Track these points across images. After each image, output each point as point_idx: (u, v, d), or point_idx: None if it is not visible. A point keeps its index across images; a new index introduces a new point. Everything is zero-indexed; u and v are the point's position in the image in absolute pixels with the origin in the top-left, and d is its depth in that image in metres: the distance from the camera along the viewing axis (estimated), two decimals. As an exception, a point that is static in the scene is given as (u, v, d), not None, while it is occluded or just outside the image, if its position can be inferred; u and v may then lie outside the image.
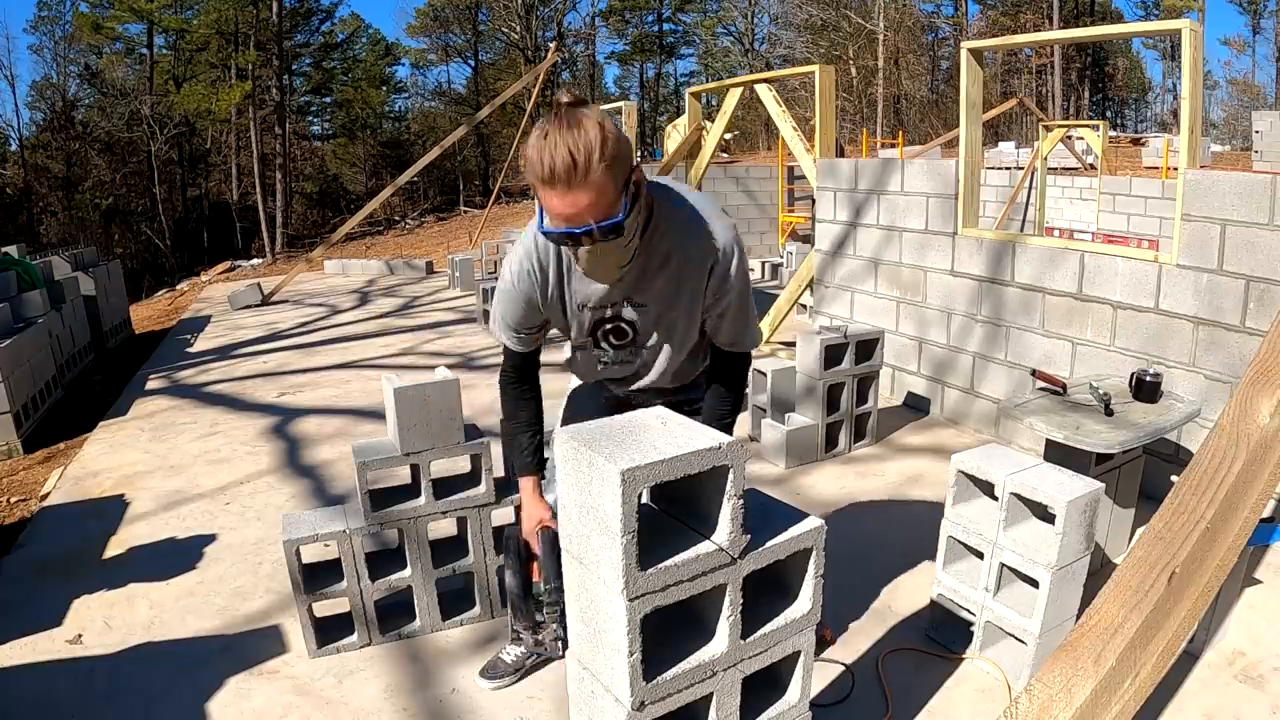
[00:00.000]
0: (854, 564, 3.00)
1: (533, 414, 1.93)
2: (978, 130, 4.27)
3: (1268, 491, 1.09)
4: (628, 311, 1.75)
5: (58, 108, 26.92)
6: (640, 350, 1.84)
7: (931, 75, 34.49)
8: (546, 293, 1.75)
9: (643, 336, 1.80)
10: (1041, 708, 0.95)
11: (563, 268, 1.72)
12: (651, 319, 1.76)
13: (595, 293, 1.72)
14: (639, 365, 1.88)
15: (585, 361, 1.91)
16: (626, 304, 1.74)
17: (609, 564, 1.29)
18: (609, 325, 1.79)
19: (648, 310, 1.74)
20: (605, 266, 1.58)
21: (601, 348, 1.84)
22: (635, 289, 1.71)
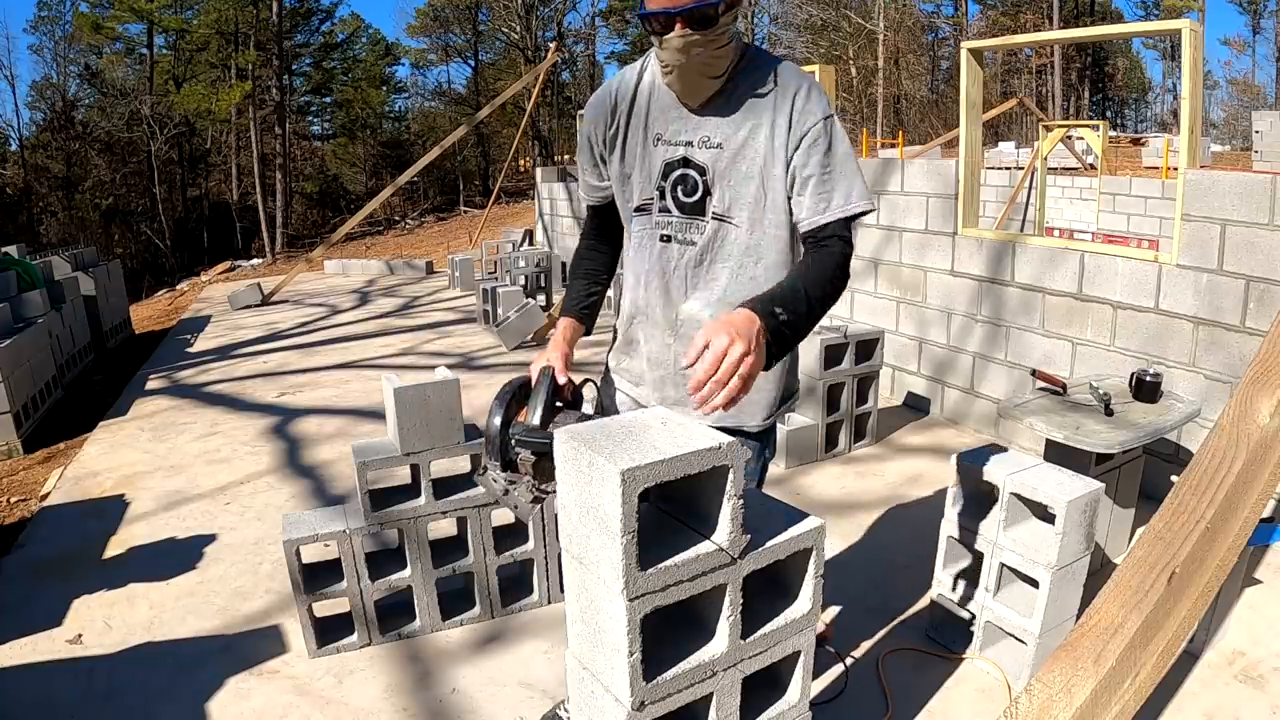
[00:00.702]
0: (854, 564, 3.00)
1: (597, 265, 1.85)
2: (978, 130, 4.27)
3: (1268, 491, 1.09)
4: (699, 154, 1.60)
5: (58, 108, 26.93)
6: (707, 220, 1.62)
7: (931, 75, 34.50)
8: (615, 119, 1.65)
9: (714, 193, 1.61)
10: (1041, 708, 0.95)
11: (650, 93, 1.64)
12: (725, 165, 1.59)
13: (673, 125, 1.62)
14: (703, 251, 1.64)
15: (645, 246, 1.70)
16: (700, 144, 1.60)
17: (609, 564, 1.29)
18: (679, 172, 1.62)
19: (722, 152, 1.59)
20: (694, 69, 1.50)
21: (666, 209, 1.65)
22: (713, 121, 1.59)
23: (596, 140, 1.70)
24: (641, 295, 1.73)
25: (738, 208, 1.61)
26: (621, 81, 1.67)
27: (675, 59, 1.49)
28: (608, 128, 1.67)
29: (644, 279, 1.71)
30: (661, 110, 1.63)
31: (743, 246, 1.63)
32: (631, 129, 1.66)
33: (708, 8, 1.43)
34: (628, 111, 1.65)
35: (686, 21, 1.43)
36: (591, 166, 1.75)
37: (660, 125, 1.63)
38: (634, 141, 1.66)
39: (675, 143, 1.63)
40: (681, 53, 1.47)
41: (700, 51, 1.47)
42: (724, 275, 1.65)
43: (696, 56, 1.48)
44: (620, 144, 1.67)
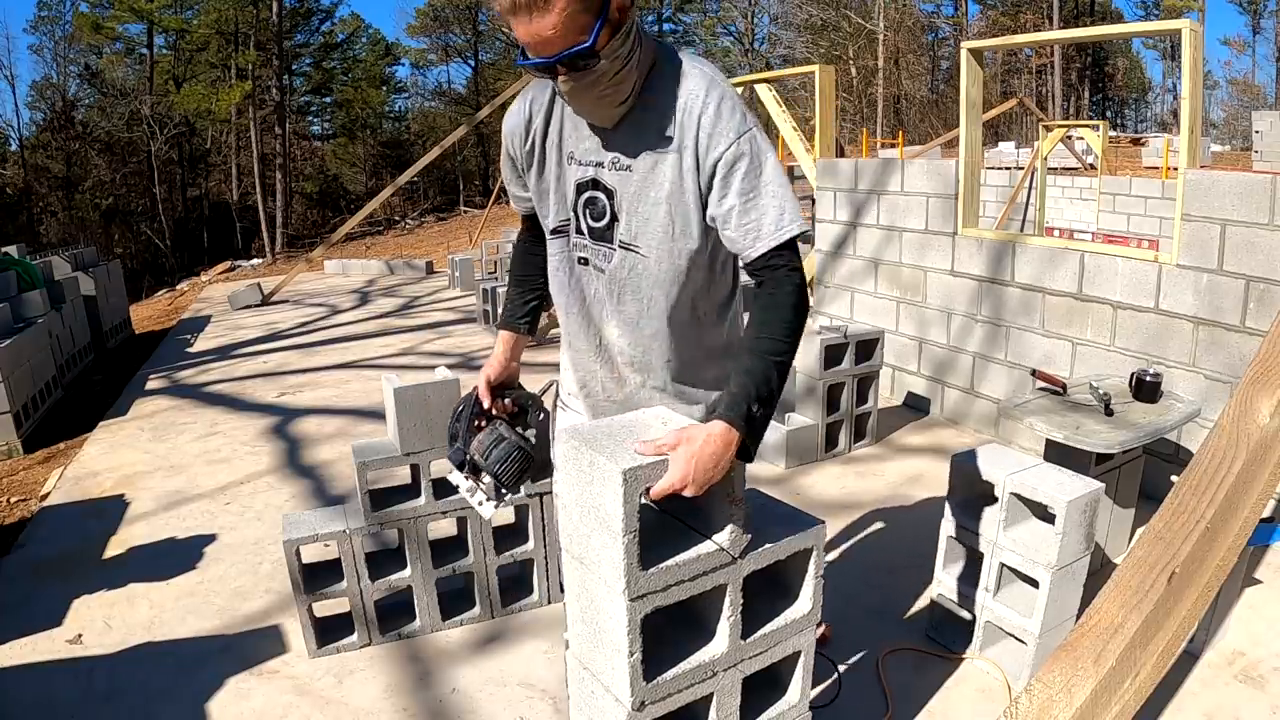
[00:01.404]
0: (854, 564, 3.00)
1: (533, 270, 1.79)
2: (978, 130, 4.27)
3: (1268, 491, 1.09)
4: (608, 176, 1.51)
5: (58, 108, 26.93)
6: (614, 249, 1.54)
7: (931, 75, 34.50)
8: (530, 135, 1.57)
9: (620, 220, 1.52)
10: (1041, 708, 0.95)
11: (564, 110, 1.55)
12: (633, 190, 1.49)
13: (585, 144, 1.53)
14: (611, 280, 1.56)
15: (563, 269, 1.63)
16: (611, 166, 1.51)
17: (610, 563, 1.29)
18: (589, 194, 1.54)
19: (630, 176, 1.49)
20: (590, 102, 1.42)
21: (580, 231, 1.58)
22: (623, 142, 1.49)
23: (515, 154, 1.62)
24: (563, 320, 1.68)
25: (645, 237, 1.51)
26: (536, 93, 1.57)
27: (569, 98, 1.43)
28: (524, 143, 1.59)
29: (565, 304, 1.65)
30: (575, 127, 1.54)
31: (652, 278, 1.53)
32: (548, 146, 1.57)
33: (578, 55, 1.32)
34: (543, 128, 1.57)
35: (564, 66, 1.34)
36: (515, 179, 1.69)
37: (573, 143, 1.55)
38: (550, 159, 1.58)
39: (586, 163, 1.53)
40: (574, 93, 1.40)
41: (592, 88, 1.39)
42: (633, 306, 1.57)
43: (589, 92, 1.40)
44: (538, 160, 1.59)
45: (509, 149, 1.63)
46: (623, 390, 1.67)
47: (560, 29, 1.29)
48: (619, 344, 1.62)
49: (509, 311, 1.81)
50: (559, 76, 1.37)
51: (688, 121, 1.42)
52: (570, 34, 1.30)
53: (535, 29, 1.29)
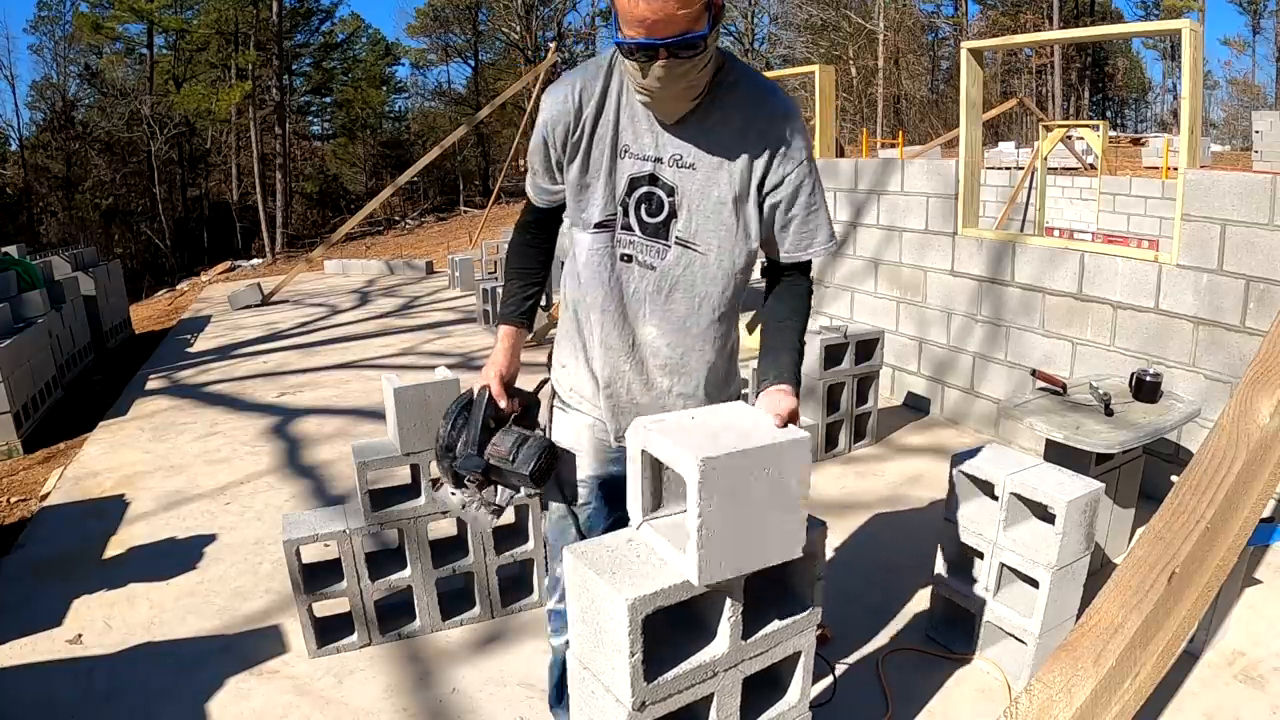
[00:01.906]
0: (854, 564, 3.00)
1: (534, 263, 1.74)
2: (978, 130, 4.27)
3: (1268, 491, 1.09)
4: (668, 172, 1.51)
5: (58, 108, 26.93)
6: (669, 245, 1.55)
7: (931, 75, 34.50)
8: (580, 124, 1.52)
9: (679, 216, 1.53)
10: (1041, 708, 0.95)
11: (619, 100, 1.51)
12: (696, 188, 1.51)
13: (643, 138, 1.51)
14: (663, 277, 1.57)
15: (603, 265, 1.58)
16: (671, 163, 1.51)
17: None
18: (644, 189, 1.53)
19: (694, 173, 1.51)
20: (673, 94, 1.42)
21: (629, 227, 1.55)
22: (688, 141, 1.50)
23: (555, 144, 1.57)
24: (596, 318, 1.61)
25: (705, 235, 1.54)
26: (586, 82, 1.53)
27: (656, 86, 1.40)
28: (570, 132, 1.54)
29: (599, 301, 1.60)
30: (631, 120, 1.52)
31: (708, 275, 1.57)
32: (597, 137, 1.53)
33: (692, 40, 1.33)
34: (594, 117, 1.52)
35: (671, 51, 1.33)
36: (546, 170, 1.62)
37: (629, 137, 1.52)
38: (599, 151, 1.53)
39: (644, 157, 1.52)
40: (664, 81, 1.38)
41: (683, 78, 1.39)
42: (683, 305, 1.58)
43: (679, 83, 1.40)
44: (584, 151, 1.54)
45: (549, 137, 1.56)
46: (648, 394, 1.64)
47: (685, 11, 1.30)
48: (656, 344, 1.61)
49: (511, 306, 1.72)
50: (659, 61, 1.35)
51: (767, 131, 1.51)
52: (691, 18, 1.31)
53: (663, 6, 1.28)
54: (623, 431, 1.63)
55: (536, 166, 1.63)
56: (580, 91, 1.52)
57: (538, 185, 1.66)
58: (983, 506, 2.42)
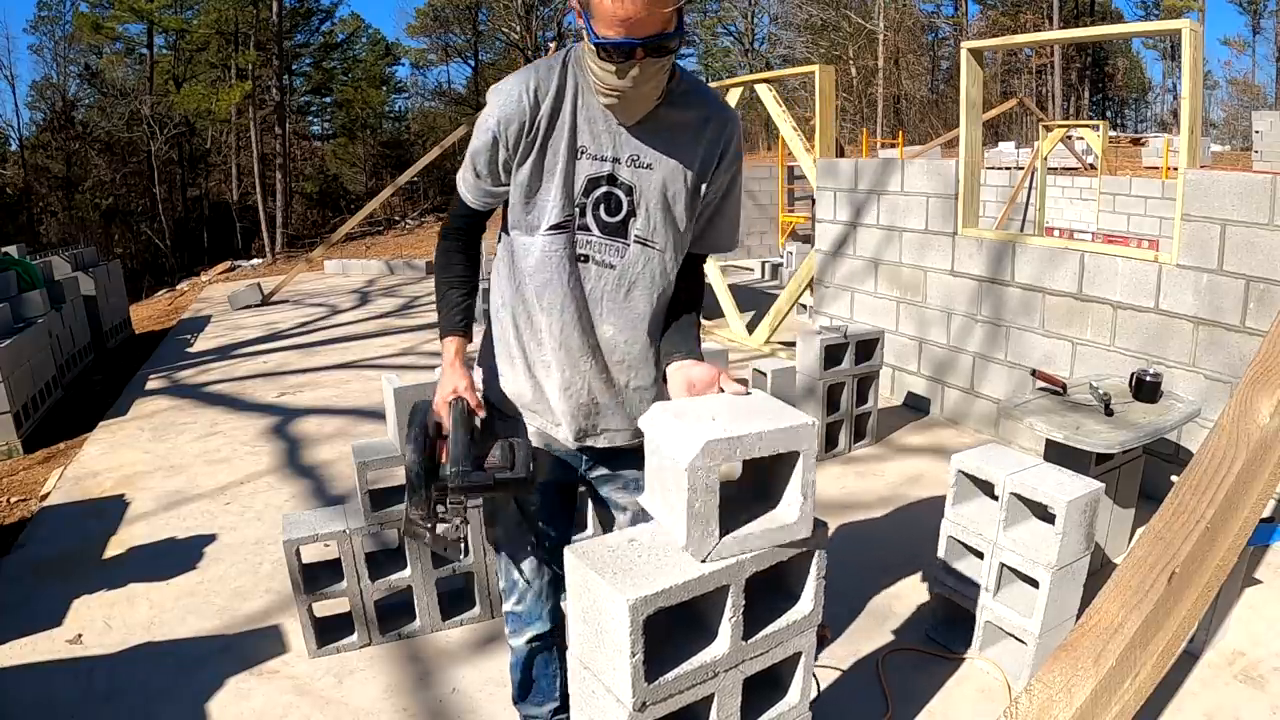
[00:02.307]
0: (854, 564, 3.00)
1: (468, 271, 1.73)
2: (978, 130, 4.28)
3: (1268, 491, 1.09)
4: (626, 172, 1.53)
5: (58, 108, 26.92)
6: (629, 243, 1.57)
7: (931, 75, 34.49)
8: (535, 124, 1.50)
9: (638, 215, 1.56)
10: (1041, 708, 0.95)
11: (575, 101, 1.51)
12: (653, 187, 1.54)
13: (600, 139, 1.52)
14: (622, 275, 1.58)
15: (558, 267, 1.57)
16: (629, 163, 1.53)
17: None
18: (604, 189, 1.54)
19: (652, 174, 1.54)
20: (642, 95, 1.44)
21: (586, 227, 1.55)
22: (645, 141, 1.52)
23: (507, 143, 1.53)
24: (554, 320, 1.60)
25: (661, 233, 1.57)
26: (539, 82, 1.51)
27: (628, 86, 1.41)
28: (525, 131, 1.51)
29: (556, 304, 1.59)
30: (588, 121, 1.52)
31: (664, 271, 1.61)
32: (553, 138, 1.52)
33: (670, 37, 1.36)
34: (549, 117, 1.51)
35: (649, 50, 1.36)
36: (491, 172, 1.58)
37: (586, 138, 1.52)
38: (553, 152, 1.52)
39: (602, 158, 1.53)
40: (637, 81, 1.40)
41: (654, 78, 1.42)
42: (643, 301, 1.61)
43: (650, 83, 1.42)
44: (537, 151, 1.52)
45: (500, 135, 1.52)
46: (609, 391, 1.65)
47: (664, 11, 1.33)
48: (615, 341, 1.63)
49: (455, 315, 1.70)
50: (636, 60, 1.37)
51: (717, 131, 1.57)
52: (667, 18, 1.34)
53: (646, 5, 1.30)
54: (584, 432, 1.66)
55: (480, 168, 1.59)
56: (535, 90, 1.50)
57: (479, 187, 1.62)
58: (983, 506, 2.42)
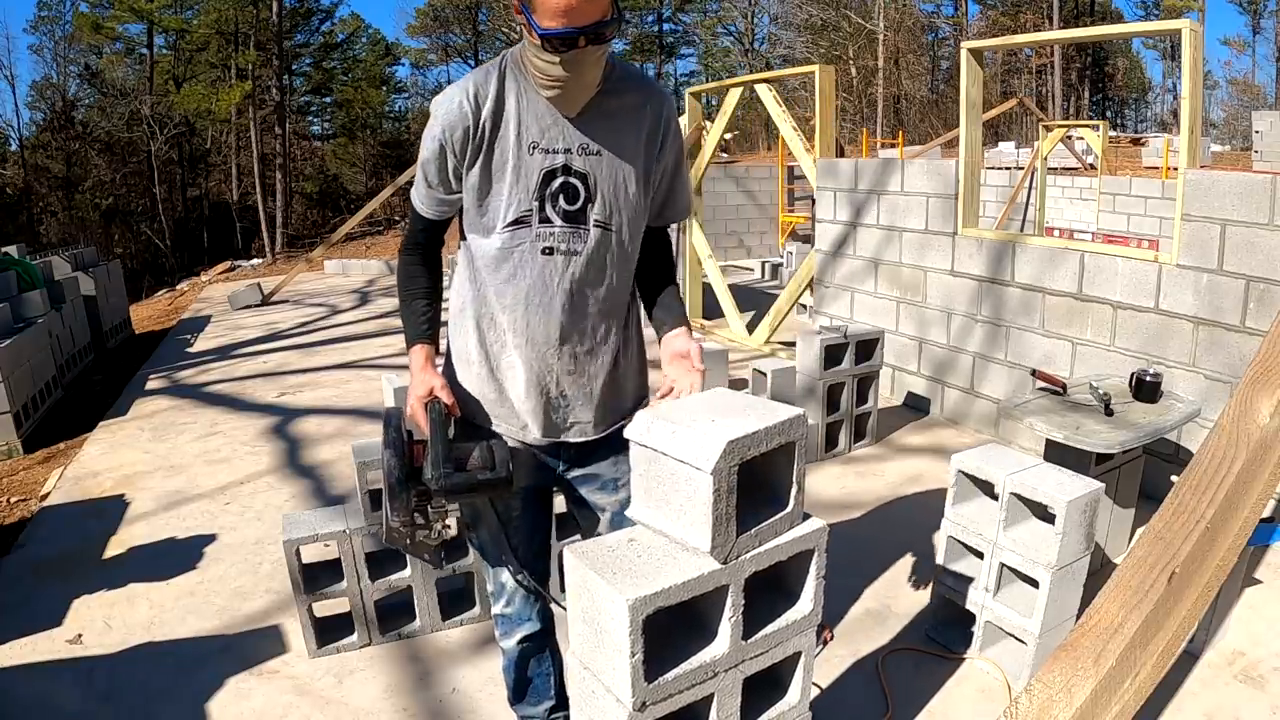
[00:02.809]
0: (854, 564, 3.00)
1: (430, 282, 1.77)
2: (978, 130, 4.27)
3: (1268, 491, 1.09)
4: (579, 161, 1.57)
5: (58, 108, 26.92)
6: (589, 229, 1.59)
7: (931, 75, 34.49)
8: (480, 129, 1.54)
9: (595, 200, 1.59)
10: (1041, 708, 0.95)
11: (519, 99, 1.55)
12: (605, 172, 1.59)
13: (549, 132, 1.55)
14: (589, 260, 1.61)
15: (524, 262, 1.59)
16: (580, 152, 1.57)
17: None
18: (561, 180, 1.57)
19: (601, 159, 1.58)
20: (583, 84, 1.49)
21: (547, 219, 1.57)
22: (590, 130, 1.57)
23: (454, 149, 1.56)
24: (518, 316, 1.62)
25: (617, 215, 1.61)
26: (478, 85, 1.54)
27: (568, 75, 1.46)
28: (470, 136, 1.54)
29: (523, 299, 1.61)
30: (535, 117, 1.55)
31: (624, 254, 1.65)
32: (500, 137, 1.55)
33: (609, 23, 1.42)
34: (493, 118, 1.54)
35: (589, 37, 1.41)
36: (442, 180, 1.61)
37: (534, 133, 1.55)
38: (501, 151, 1.55)
39: (554, 150, 1.56)
40: (577, 70, 1.45)
41: (595, 65, 1.47)
42: (604, 286, 1.64)
43: (591, 71, 1.48)
44: (484, 154, 1.56)
45: (447, 143, 1.55)
46: (576, 383, 1.67)
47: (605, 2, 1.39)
48: (581, 328, 1.65)
49: (422, 325, 1.73)
50: (577, 49, 1.41)
51: (656, 112, 1.62)
52: (604, 6, 1.40)
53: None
54: (554, 428, 1.68)
55: (431, 178, 1.62)
56: (475, 95, 1.53)
57: (433, 197, 1.64)
58: (983, 506, 2.42)
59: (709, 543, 1.31)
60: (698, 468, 1.27)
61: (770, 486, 1.46)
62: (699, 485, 1.28)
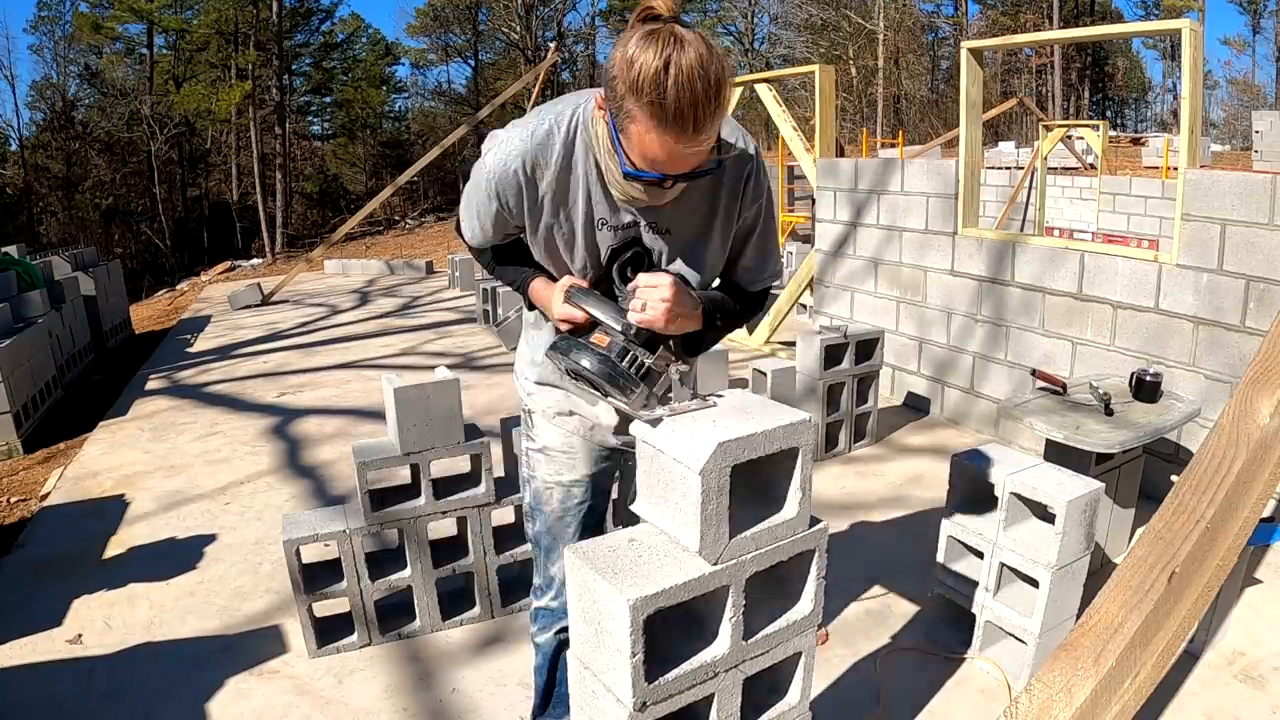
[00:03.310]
0: (854, 564, 3.00)
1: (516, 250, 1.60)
2: (978, 130, 4.27)
3: (1268, 491, 1.09)
4: (648, 237, 1.47)
5: (58, 108, 26.92)
6: None
7: (931, 75, 34.49)
8: (537, 200, 1.42)
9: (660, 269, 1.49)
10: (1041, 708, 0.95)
11: (587, 174, 1.40)
12: (674, 251, 1.48)
13: (617, 209, 1.44)
14: None
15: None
16: (649, 229, 1.46)
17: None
18: (630, 253, 1.47)
19: (671, 238, 1.47)
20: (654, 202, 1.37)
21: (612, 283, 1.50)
22: (662, 213, 1.44)
23: (508, 210, 1.45)
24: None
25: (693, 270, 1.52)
26: (536, 155, 1.39)
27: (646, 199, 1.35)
28: (525, 203, 1.43)
29: None
30: (605, 192, 1.42)
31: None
32: (566, 212, 1.43)
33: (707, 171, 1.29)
34: (555, 193, 1.41)
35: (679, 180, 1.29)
36: (500, 230, 1.52)
37: (603, 210, 1.43)
38: (569, 223, 1.45)
39: (623, 225, 1.46)
40: (658, 195, 1.34)
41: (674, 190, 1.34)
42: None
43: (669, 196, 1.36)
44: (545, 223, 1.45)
45: (504, 205, 1.45)
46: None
47: (702, 154, 1.25)
48: None
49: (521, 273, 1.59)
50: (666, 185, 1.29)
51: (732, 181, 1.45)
52: (704, 156, 1.26)
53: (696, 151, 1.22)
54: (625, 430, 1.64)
55: (487, 226, 1.52)
56: (532, 168, 1.40)
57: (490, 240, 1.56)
58: (983, 506, 2.42)
59: (698, 542, 1.31)
60: (688, 467, 1.28)
61: (773, 489, 1.46)
62: (690, 485, 1.29)
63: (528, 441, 1.78)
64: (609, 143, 1.31)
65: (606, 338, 1.37)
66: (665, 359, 1.37)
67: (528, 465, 1.79)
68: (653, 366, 1.35)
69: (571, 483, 1.74)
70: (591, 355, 1.34)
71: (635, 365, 1.34)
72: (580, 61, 35.13)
